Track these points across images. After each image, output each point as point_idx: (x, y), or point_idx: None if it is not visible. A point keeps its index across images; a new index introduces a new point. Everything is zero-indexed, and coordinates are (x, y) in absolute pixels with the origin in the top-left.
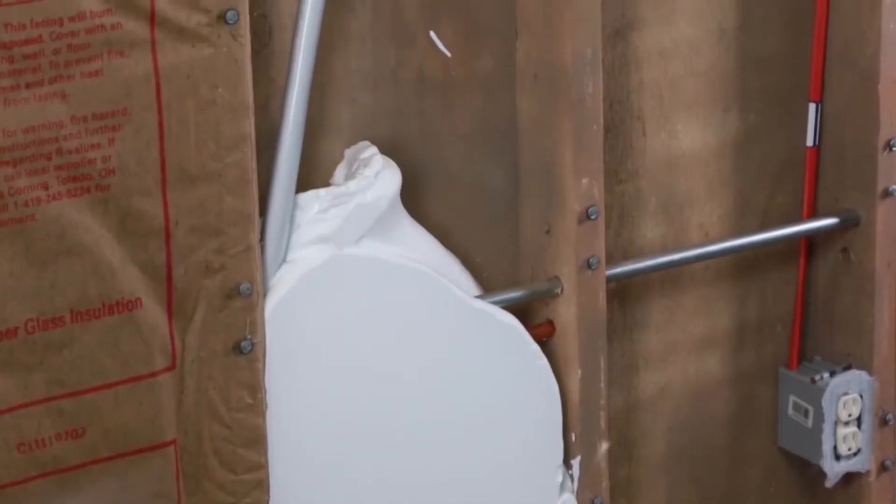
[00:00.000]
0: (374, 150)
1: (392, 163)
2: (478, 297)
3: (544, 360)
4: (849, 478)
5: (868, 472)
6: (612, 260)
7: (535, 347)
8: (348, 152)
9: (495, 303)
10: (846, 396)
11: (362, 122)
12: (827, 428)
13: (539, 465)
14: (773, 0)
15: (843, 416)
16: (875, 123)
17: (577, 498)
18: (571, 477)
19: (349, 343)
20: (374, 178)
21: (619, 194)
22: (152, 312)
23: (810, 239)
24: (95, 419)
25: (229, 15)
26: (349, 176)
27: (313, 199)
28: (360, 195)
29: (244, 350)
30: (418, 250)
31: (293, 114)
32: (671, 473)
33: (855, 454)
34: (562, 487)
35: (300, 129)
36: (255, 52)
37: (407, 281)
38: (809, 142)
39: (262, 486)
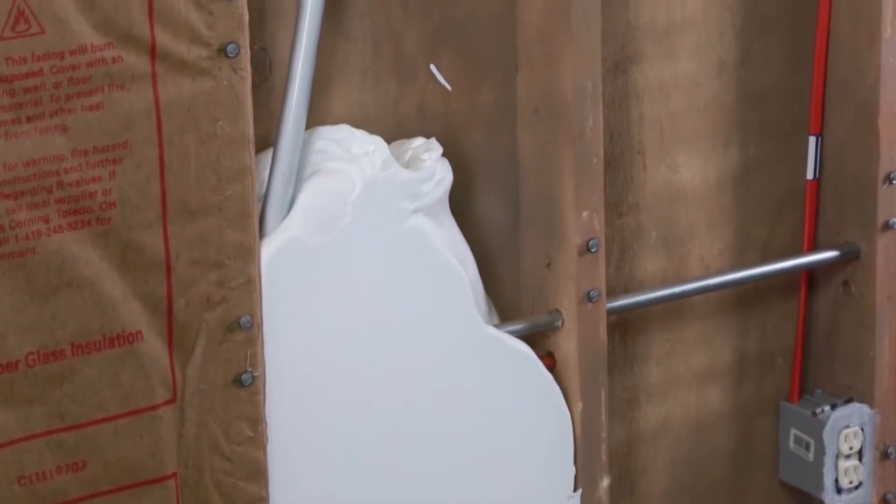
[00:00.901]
0: (421, 139)
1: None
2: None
3: (557, 388)
4: None
5: None
6: (612, 293)
7: (548, 375)
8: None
9: None
10: (847, 429)
11: None
12: (828, 461)
13: (551, 493)
14: (772, 34)
15: (845, 449)
16: (875, 156)
17: None
18: None
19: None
20: (436, 162)
21: (620, 227)
22: (153, 345)
23: (811, 272)
24: (96, 452)
25: (230, 48)
26: (406, 164)
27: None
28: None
29: (245, 383)
30: (458, 252)
31: (288, 148)
32: None
33: (856, 487)
34: None
35: (295, 160)
36: (256, 86)
37: (442, 274)
38: (810, 175)
39: None
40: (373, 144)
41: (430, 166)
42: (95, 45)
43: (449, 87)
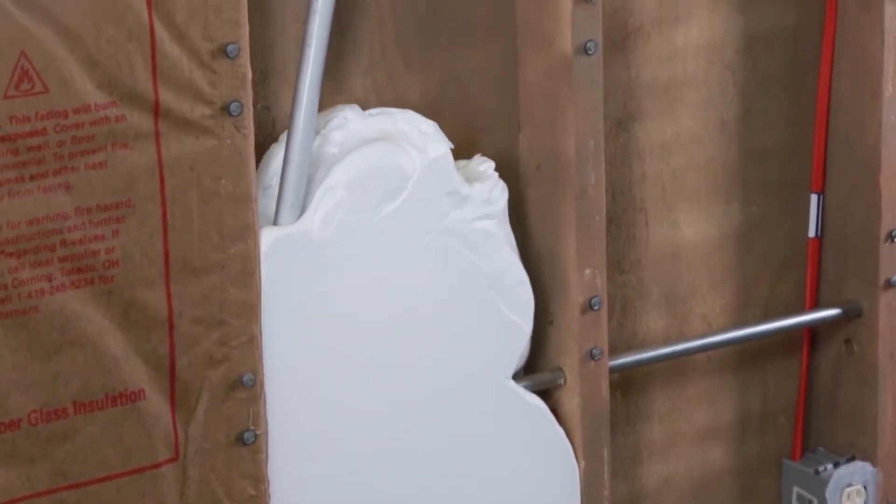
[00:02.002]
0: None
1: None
2: None
3: (568, 444)
4: None
5: None
6: (615, 351)
7: (561, 430)
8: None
9: None
10: (850, 488)
11: None
12: None
13: None
14: (773, 92)
15: None
16: (877, 214)
17: None
18: None
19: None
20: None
21: (622, 285)
22: (155, 403)
23: (813, 330)
24: None
25: (233, 107)
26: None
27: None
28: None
29: (247, 441)
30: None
31: (300, 141)
32: None
33: None
34: None
35: (308, 153)
36: (259, 144)
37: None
38: (812, 233)
39: None
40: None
41: (493, 174)
42: (99, 103)
43: (451, 146)
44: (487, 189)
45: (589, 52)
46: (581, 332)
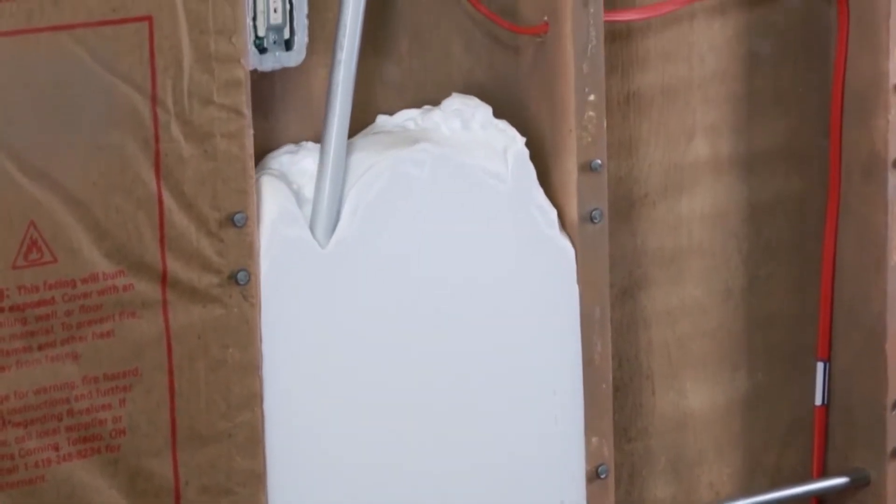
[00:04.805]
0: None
1: None
2: None
3: None
4: None
5: None
6: None
7: None
8: None
9: None
10: None
11: None
12: None
13: None
14: (778, 260)
15: None
16: (883, 382)
17: None
18: None
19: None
20: None
21: (629, 453)
22: None
23: (821, 498)
24: None
25: (240, 276)
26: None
27: None
28: None
29: None
30: None
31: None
32: None
33: None
34: None
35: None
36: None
37: None
38: (818, 401)
39: None
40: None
41: None
42: (107, 273)
43: None
44: None
45: (594, 221)
46: (589, 501)
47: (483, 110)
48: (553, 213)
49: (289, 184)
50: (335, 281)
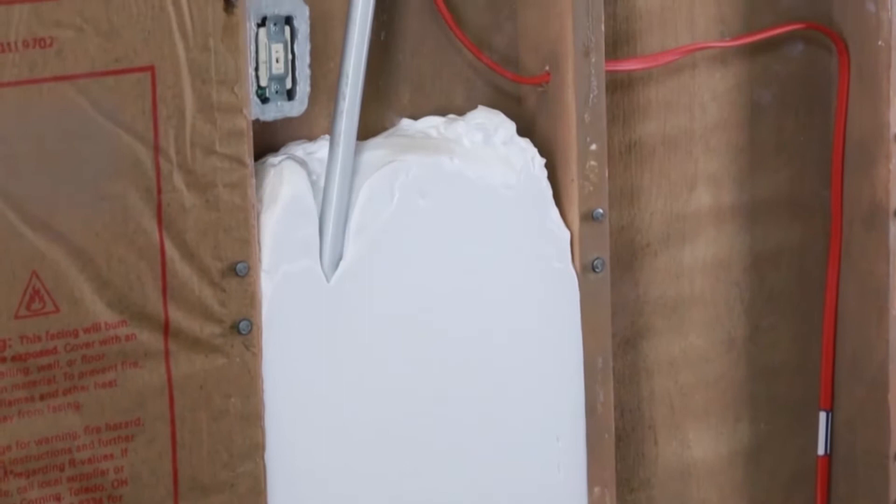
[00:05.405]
0: None
1: None
2: None
3: None
4: None
5: None
6: None
7: None
8: None
9: None
10: None
11: None
12: None
13: None
14: (780, 310)
15: None
16: (886, 433)
17: None
18: None
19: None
20: None
21: (632, 503)
22: None
23: None
24: None
25: (242, 325)
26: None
27: None
28: None
29: None
30: None
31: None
32: None
33: None
34: None
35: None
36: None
37: None
38: (821, 451)
39: None
40: None
41: None
42: (109, 323)
43: None
44: None
45: (596, 270)
46: None
47: (507, 126)
48: (566, 238)
49: (309, 173)
50: (339, 317)
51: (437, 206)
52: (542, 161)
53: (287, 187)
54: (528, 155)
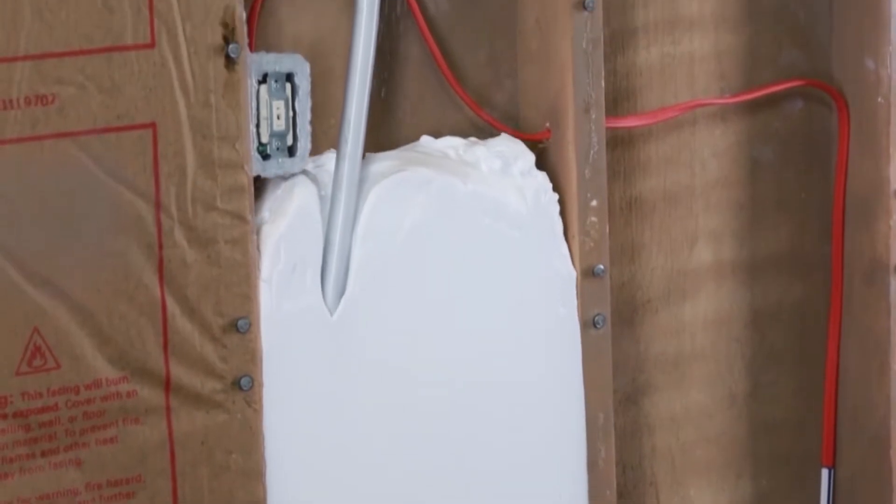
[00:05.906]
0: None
1: None
2: None
3: None
4: None
5: None
6: None
7: None
8: None
9: None
10: None
11: None
12: None
13: None
14: (781, 366)
15: None
16: (888, 489)
17: None
18: None
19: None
20: None
21: None
22: None
23: None
24: None
25: (243, 381)
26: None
27: None
28: None
29: None
30: None
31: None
32: None
33: None
34: None
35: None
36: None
37: None
38: None
39: None
40: None
41: None
42: (110, 379)
43: None
44: None
45: (598, 326)
46: None
47: (527, 157)
48: (572, 278)
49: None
50: (342, 356)
51: (444, 231)
52: (556, 196)
53: (296, 201)
54: (543, 188)
